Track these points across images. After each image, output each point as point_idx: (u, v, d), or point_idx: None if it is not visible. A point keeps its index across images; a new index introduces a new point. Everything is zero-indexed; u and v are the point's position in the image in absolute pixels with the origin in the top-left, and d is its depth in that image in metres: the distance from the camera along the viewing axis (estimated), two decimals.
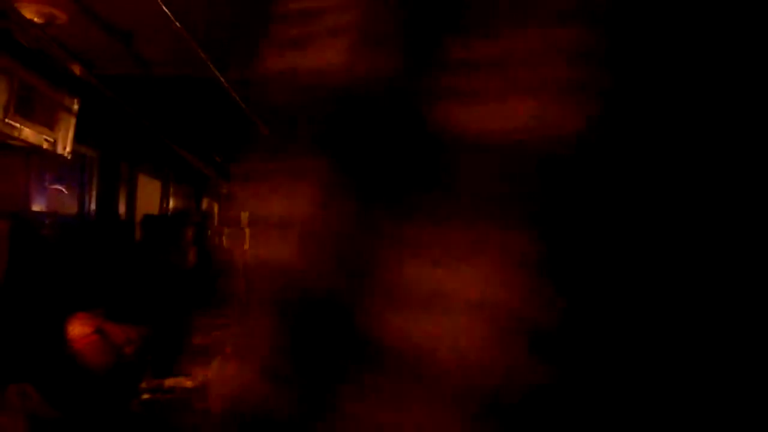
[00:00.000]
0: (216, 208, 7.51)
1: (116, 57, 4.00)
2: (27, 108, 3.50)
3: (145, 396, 2.74)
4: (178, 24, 3.33)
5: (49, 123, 3.85)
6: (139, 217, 5.18)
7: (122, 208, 5.19)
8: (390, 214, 0.68)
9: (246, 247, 5.64)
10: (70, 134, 4.10)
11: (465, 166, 0.66)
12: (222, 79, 4.24)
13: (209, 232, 7.16)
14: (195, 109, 5.30)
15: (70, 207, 5.02)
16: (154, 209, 5.66)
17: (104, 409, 2.64)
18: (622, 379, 0.60)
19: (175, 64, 4.14)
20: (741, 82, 0.65)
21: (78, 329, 3.20)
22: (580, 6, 0.67)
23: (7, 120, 3.26)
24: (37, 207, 4.48)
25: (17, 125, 3.38)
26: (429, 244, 0.65)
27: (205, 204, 7.12)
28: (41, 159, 4.28)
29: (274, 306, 0.77)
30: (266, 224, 0.84)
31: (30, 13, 3.18)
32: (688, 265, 0.62)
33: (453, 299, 0.63)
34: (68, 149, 4.08)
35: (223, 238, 7.47)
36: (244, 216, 5.42)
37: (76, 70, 4.05)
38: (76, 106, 4.19)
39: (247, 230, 5.81)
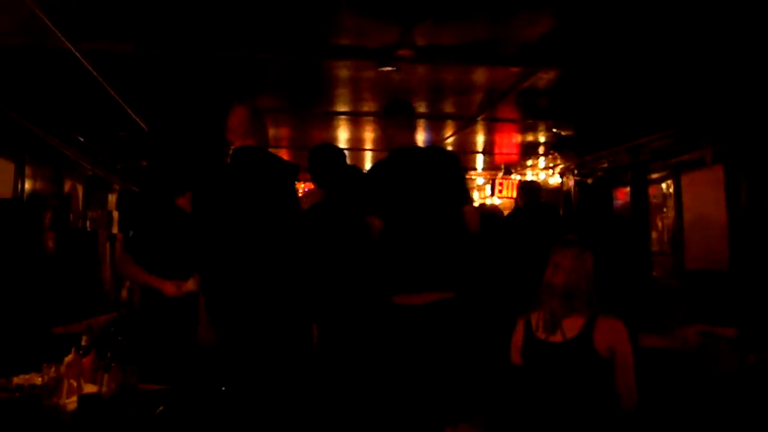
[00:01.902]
0: (80, 191, 7.04)
1: None
2: None
3: None
4: None
5: None
6: None
7: None
8: None
9: None
10: None
11: None
12: (74, 51, 3.94)
13: (72, 216, 6.70)
14: (49, 84, 4.90)
15: None
16: (7, 192, 5.20)
17: None
18: None
19: (23, 34, 3.79)
20: None
21: None
22: None
23: None
24: None
25: None
26: None
27: (67, 186, 6.65)
28: None
29: None
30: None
31: None
32: None
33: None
34: None
35: (88, 222, 7.03)
36: None
37: None
38: None
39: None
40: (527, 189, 5.77)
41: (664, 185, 6.44)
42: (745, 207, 4.98)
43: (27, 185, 5.63)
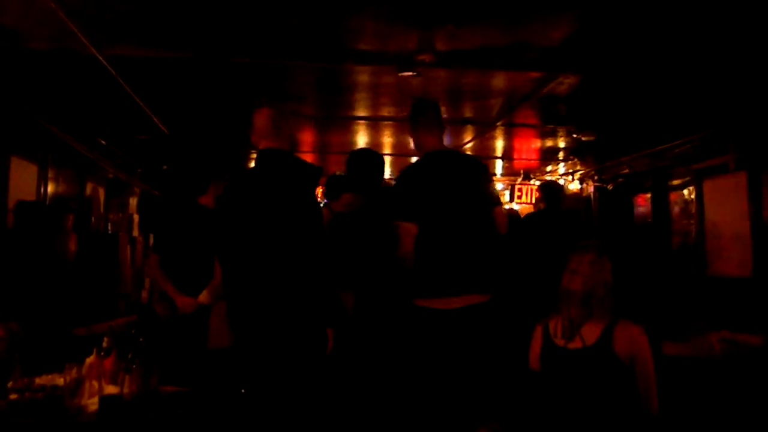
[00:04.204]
0: (101, 194, 7.12)
1: None
2: None
3: (12, 396, 2.55)
4: None
5: None
6: (12, 203, 4.81)
7: None
8: None
9: None
10: None
11: None
12: (99, 56, 3.99)
13: (93, 219, 6.78)
14: (72, 88, 4.96)
15: None
16: (30, 195, 5.27)
17: None
18: None
19: (49, 38, 3.85)
20: None
21: None
22: None
23: None
24: None
25: None
26: None
27: (89, 189, 6.72)
28: None
29: None
30: None
31: None
32: None
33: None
34: None
35: (109, 225, 7.10)
36: None
37: None
38: None
39: None
40: (548, 191, 5.66)
41: (685, 191, 6.36)
42: (767, 215, 4.91)
43: (50, 188, 5.71)
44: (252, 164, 3.08)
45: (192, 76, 4.76)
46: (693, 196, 6.14)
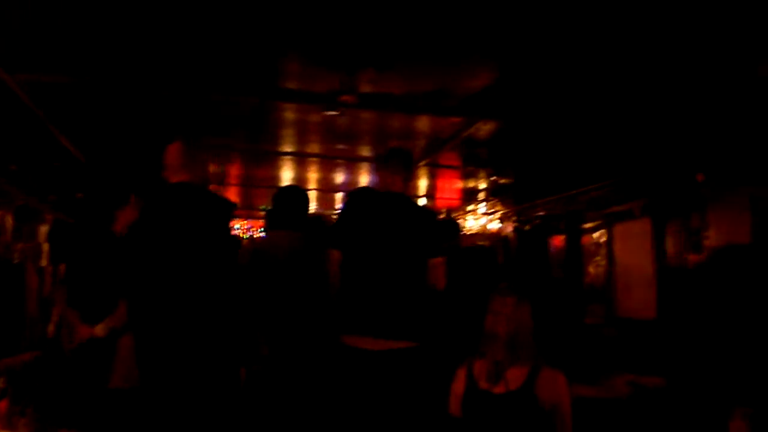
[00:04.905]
0: (9, 221, 6.77)
1: None
2: None
3: None
4: None
5: None
6: None
7: None
8: None
9: None
10: None
11: None
12: (10, 81, 3.84)
13: None
14: None
15: None
16: None
17: None
18: None
19: None
20: None
21: None
22: None
23: None
24: None
25: None
26: None
27: None
28: None
29: None
30: None
31: None
32: None
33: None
34: None
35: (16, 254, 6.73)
36: None
37: None
38: None
39: None
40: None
41: (597, 234, 6.65)
42: (670, 259, 5.20)
43: None
44: (164, 196, 2.99)
45: (113, 105, 4.66)
46: (604, 240, 6.43)
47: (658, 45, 3.26)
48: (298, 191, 3.84)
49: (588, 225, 6.80)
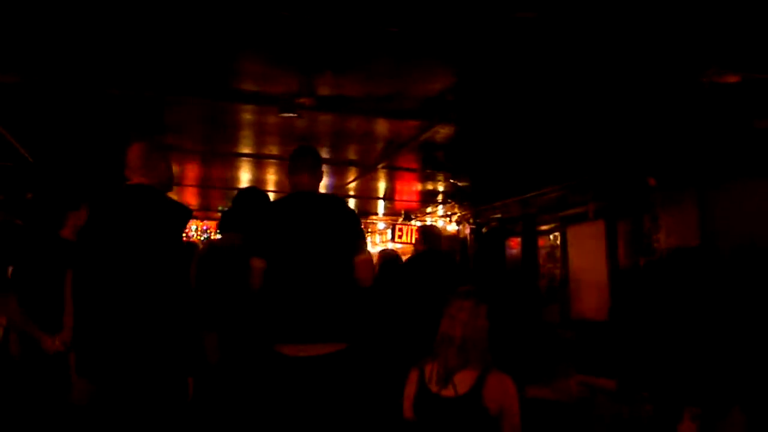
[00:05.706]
0: None
1: None
2: None
3: None
4: None
5: None
6: None
7: None
8: None
9: None
10: None
11: None
12: None
13: None
14: None
15: None
16: None
17: None
18: None
19: None
20: None
21: None
22: None
23: None
24: None
25: None
26: None
27: None
28: None
29: None
30: None
31: None
32: None
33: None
34: None
35: None
36: None
37: None
38: None
39: None
40: (426, 234, 5.79)
41: (552, 236, 6.77)
42: (623, 261, 5.33)
43: None
44: (117, 198, 2.91)
45: (64, 104, 4.54)
46: (559, 242, 6.55)
47: (610, 53, 3.33)
48: (257, 193, 3.80)
49: (544, 227, 6.93)
